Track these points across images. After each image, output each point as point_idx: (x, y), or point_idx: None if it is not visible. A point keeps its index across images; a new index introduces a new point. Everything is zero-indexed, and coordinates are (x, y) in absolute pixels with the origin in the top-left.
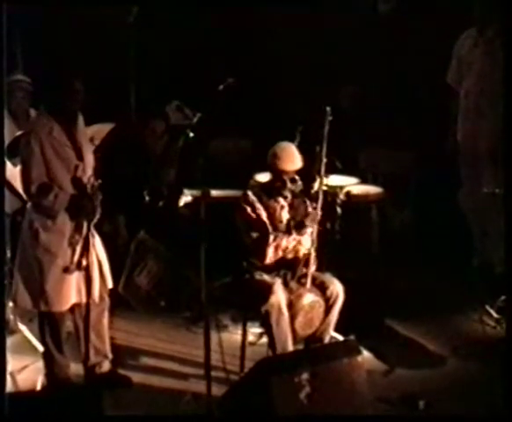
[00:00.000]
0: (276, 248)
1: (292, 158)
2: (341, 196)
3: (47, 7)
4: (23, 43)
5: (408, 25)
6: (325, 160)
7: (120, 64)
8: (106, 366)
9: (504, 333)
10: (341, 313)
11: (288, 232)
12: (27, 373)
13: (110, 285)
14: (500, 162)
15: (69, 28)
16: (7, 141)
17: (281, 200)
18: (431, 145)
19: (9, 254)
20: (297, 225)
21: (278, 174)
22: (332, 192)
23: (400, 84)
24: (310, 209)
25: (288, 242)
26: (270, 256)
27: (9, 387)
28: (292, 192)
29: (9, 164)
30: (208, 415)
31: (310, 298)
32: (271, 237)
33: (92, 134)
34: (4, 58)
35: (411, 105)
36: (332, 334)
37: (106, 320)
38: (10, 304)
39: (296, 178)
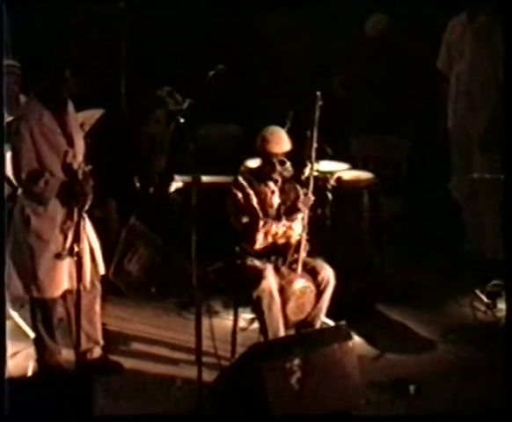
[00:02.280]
0: (266, 234)
1: (280, 141)
2: (332, 182)
3: None
4: (12, 28)
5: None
6: (315, 145)
7: (111, 50)
8: (97, 352)
9: (494, 318)
10: (332, 298)
11: (278, 218)
12: (18, 359)
13: (102, 271)
14: (491, 147)
15: (60, 14)
16: None
17: (271, 184)
18: (422, 131)
19: None
20: (288, 210)
21: (267, 157)
22: (322, 178)
23: (391, 71)
24: (301, 194)
25: (277, 228)
26: (260, 241)
27: None
28: (282, 176)
29: None
30: (199, 402)
31: (301, 283)
32: (260, 223)
33: (83, 119)
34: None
35: (402, 90)
36: (324, 319)
37: (97, 306)
38: None
39: (285, 160)
